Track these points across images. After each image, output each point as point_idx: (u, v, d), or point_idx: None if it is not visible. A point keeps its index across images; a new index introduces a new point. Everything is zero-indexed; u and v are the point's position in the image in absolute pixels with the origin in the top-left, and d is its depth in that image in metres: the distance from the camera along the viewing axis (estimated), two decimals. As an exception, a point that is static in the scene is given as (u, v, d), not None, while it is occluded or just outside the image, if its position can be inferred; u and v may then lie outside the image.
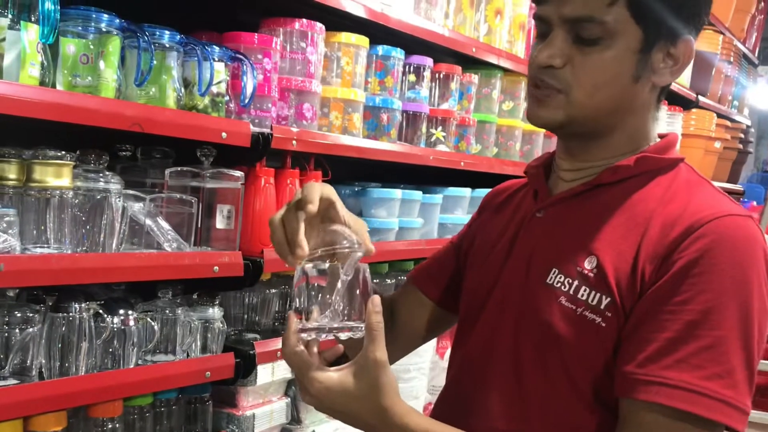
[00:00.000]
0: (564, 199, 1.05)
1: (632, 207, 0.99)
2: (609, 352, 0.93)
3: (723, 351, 0.87)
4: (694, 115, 4.17)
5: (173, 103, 1.44)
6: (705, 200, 0.96)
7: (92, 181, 1.36)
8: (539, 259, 1.03)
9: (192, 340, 1.56)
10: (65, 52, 1.29)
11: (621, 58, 0.96)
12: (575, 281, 0.96)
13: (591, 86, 0.97)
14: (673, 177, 1.01)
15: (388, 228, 2.06)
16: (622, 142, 1.02)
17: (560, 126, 1.01)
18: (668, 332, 0.89)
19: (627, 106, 1.00)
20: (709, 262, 0.89)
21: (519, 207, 1.14)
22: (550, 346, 0.97)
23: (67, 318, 1.33)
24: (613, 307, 0.93)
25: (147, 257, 1.39)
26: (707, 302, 0.88)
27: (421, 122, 2.16)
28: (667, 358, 0.88)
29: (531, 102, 1.03)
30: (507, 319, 1.04)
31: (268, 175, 1.67)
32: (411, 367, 2.16)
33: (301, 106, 1.74)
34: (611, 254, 0.95)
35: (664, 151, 1.03)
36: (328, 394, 0.90)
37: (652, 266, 0.92)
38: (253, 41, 1.62)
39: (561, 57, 0.97)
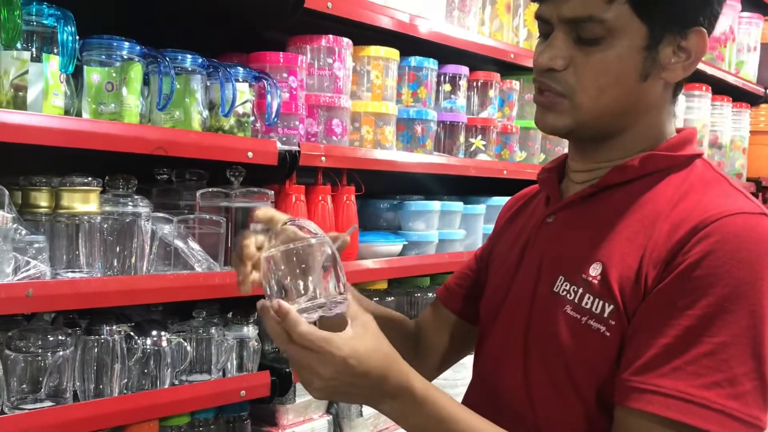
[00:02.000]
0: (573, 203, 1.01)
1: (640, 208, 0.94)
2: (613, 361, 0.90)
3: (725, 359, 0.82)
4: (763, 111, 3.96)
5: (198, 126, 1.46)
6: (716, 198, 0.90)
7: (121, 205, 1.39)
8: (548, 266, 1.00)
9: (227, 359, 1.57)
10: (90, 81, 1.33)
11: (625, 56, 0.92)
12: (580, 289, 0.93)
13: (595, 88, 0.93)
14: (686, 175, 0.95)
15: (428, 241, 2.03)
16: (635, 141, 0.98)
17: (569, 131, 0.97)
18: (666, 338, 0.84)
19: (637, 105, 0.96)
20: (713, 264, 0.83)
21: (533, 213, 1.11)
22: (556, 355, 0.95)
23: (99, 340, 1.36)
24: (616, 314, 0.89)
25: (176, 278, 1.41)
26: (709, 307, 0.83)
27: (459, 132, 2.12)
28: (663, 366, 0.83)
29: (537, 108, 0.99)
30: (517, 328, 1.02)
31: (298, 192, 1.67)
32: (458, 382, 2.11)
33: (330, 122, 1.74)
34: (616, 260, 0.92)
35: (678, 148, 0.97)
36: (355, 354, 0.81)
37: (656, 270, 0.87)
38: (279, 60, 1.64)
39: (562, 59, 0.93)
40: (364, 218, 1.95)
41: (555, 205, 1.04)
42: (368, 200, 2.04)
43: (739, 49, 3.74)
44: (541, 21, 0.97)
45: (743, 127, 3.75)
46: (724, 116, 3.58)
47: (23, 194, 1.31)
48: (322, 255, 0.87)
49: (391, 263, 1.90)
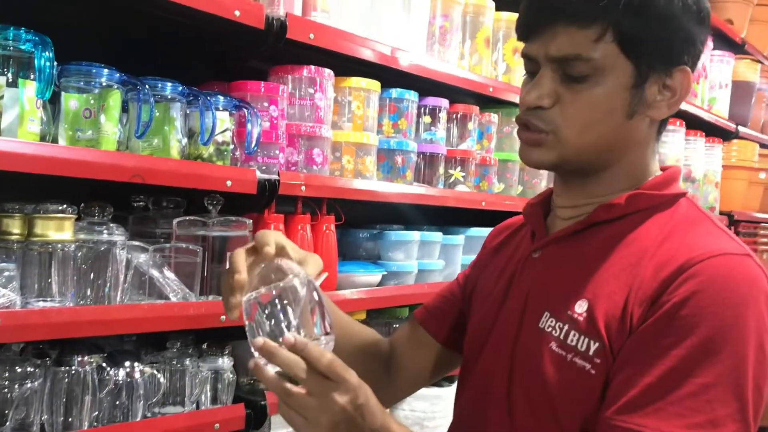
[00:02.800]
0: (559, 239, 1.02)
1: (626, 247, 0.94)
2: (598, 399, 0.90)
3: (708, 400, 0.82)
4: (735, 146, 4.04)
5: (177, 154, 1.45)
6: (700, 238, 0.91)
7: (96, 233, 1.36)
8: (533, 302, 1.00)
9: (201, 391, 1.53)
10: (67, 108, 1.32)
11: (612, 94, 0.92)
12: (566, 326, 0.93)
13: (581, 125, 0.93)
14: (670, 214, 0.96)
15: (407, 271, 2.02)
16: (620, 178, 0.99)
17: (553, 167, 0.99)
18: (650, 378, 0.84)
19: (622, 143, 0.96)
20: (698, 304, 0.84)
21: (518, 247, 1.11)
22: (540, 392, 0.94)
23: (69, 372, 1.32)
24: (602, 352, 0.89)
25: (150, 308, 1.39)
26: (693, 348, 0.83)
27: (439, 163, 2.13)
28: (647, 406, 0.83)
29: (522, 144, 1.00)
30: (502, 364, 1.01)
31: (277, 222, 1.65)
32: (436, 415, 2.10)
33: (311, 152, 1.74)
34: (602, 297, 0.92)
35: (663, 187, 0.98)
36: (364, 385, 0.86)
37: (642, 309, 0.88)
38: (260, 89, 1.63)
39: (549, 97, 0.94)
40: (343, 248, 1.94)
41: (541, 241, 1.03)
42: (348, 230, 2.03)
43: (711, 86, 3.82)
44: (528, 59, 0.97)
45: (716, 162, 3.82)
46: (697, 151, 3.64)
47: (-5, 221, 1.28)
48: (308, 294, 0.88)
49: (371, 293, 1.89)
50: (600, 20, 0.89)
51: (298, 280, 0.88)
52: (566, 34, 0.91)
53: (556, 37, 0.92)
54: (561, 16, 0.91)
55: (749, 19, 4.00)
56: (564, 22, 0.91)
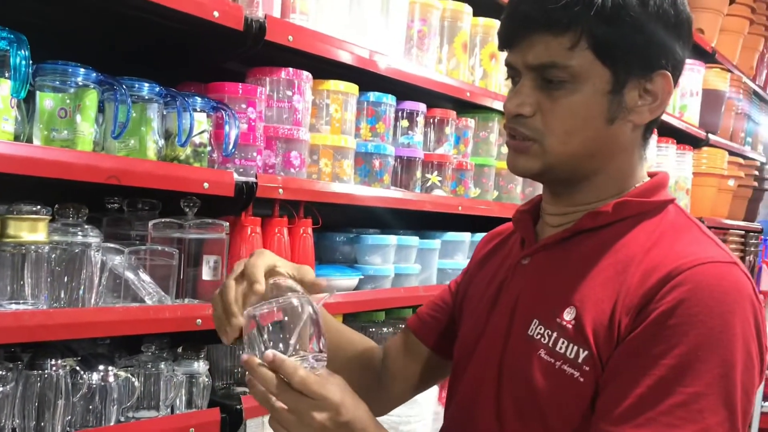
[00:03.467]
0: (548, 246, 1.02)
1: (614, 254, 0.95)
2: (587, 406, 0.90)
3: (698, 409, 0.82)
4: (705, 153, 4.11)
5: (153, 155, 1.44)
6: (688, 246, 0.91)
7: (70, 234, 1.34)
8: (522, 309, 1.00)
9: (176, 395, 1.52)
10: (42, 107, 1.30)
11: (590, 101, 0.93)
12: (554, 333, 0.93)
13: (562, 132, 0.94)
14: (658, 221, 0.96)
15: (384, 275, 2.02)
16: (607, 184, 0.99)
17: (539, 174, 0.99)
18: (640, 388, 0.84)
19: (606, 149, 0.97)
20: (686, 312, 0.84)
21: (509, 254, 1.12)
22: (529, 399, 0.95)
23: (42, 375, 1.30)
24: (591, 360, 0.90)
25: (125, 311, 1.37)
26: (682, 356, 0.83)
27: (416, 167, 2.14)
28: (638, 416, 0.84)
29: (509, 152, 1.01)
30: (490, 371, 1.01)
31: (254, 224, 1.64)
32: (411, 419, 2.10)
33: (288, 154, 1.73)
34: (590, 305, 0.92)
35: (650, 194, 0.98)
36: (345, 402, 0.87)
37: (629, 317, 0.88)
38: (237, 91, 1.62)
39: (530, 105, 0.95)
40: (319, 251, 1.93)
41: (530, 248, 1.04)
42: (324, 233, 2.03)
43: (682, 94, 3.88)
44: (509, 68, 0.99)
45: (686, 169, 3.88)
46: (668, 157, 3.70)
47: (-33, 222, 1.26)
48: (304, 313, 0.89)
49: (348, 297, 1.88)
50: (573, 28, 0.91)
51: (297, 299, 0.89)
52: (542, 42, 0.93)
53: (533, 45, 0.94)
54: (536, 25, 0.93)
55: (719, 28, 4.09)
56: (540, 30, 0.93)
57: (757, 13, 4.47)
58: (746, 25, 4.40)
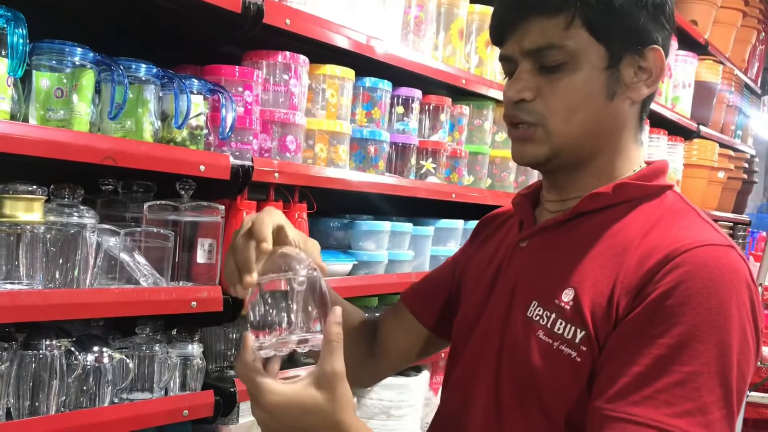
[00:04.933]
0: (546, 229, 1.03)
1: (612, 237, 0.96)
2: (583, 387, 0.91)
3: (695, 387, 0.83)
4: (695, 145, 4.14)
5: (150, 137, 1.43)
6: (685, 229, 0.92)
7: (66, 215, 1.34)
8: (521, 291, 1.01)
9: (170, 378, 1.52)
10: (39, 86, 1.29)
11: (588, 78, 0.95)
12: (553, 314, 0.95)
13: (565, 111, 0.96)
14: (657, 205, 0.98)
15: (377, 261, 2.02)
16: (606, 167, 1.00)
17: (546, 160, 0.99)
18: (638, 367, 0.85)
19: (607, 126, 0.98)
20: (684, 293, 0.85)
21: (506, 236, 1.13)
22: (528, 380, 0.96)
23: (37, 355, 1.30)
24: (587, 341, 0.91)
25: (121, 293, 1.37)
26: (680, 336, 0.84)
27: (411, 154, 2.14)
28: (635, 394, 0.85)
29: (513, 142, 1.02)
30: (489, 353, 1.02)
31: (249, 208, 1.64)
32: (403, 404, 2.11)
33: (284, 138, 1.73)
34: (588, 286, 0.93)
35: (649, 179, 1.00)
36: (282, 406, 0.84)
37: (627, 298, 0.89)
38: (234, 74, 1.62)
39: (530, 90, 0.96)
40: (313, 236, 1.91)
41: (528, 231, 1.05)
42: (318, 218, 2.03)
43: (675, 85, 3.90)
44: (505, 60, 1.00)
45: (677, 160, 3.90)
46: (660, 148, 3.71)
47: (-39, 201, 1.25)
48: (312, 290, 0.88)
49: (341, 282, 1.89)
50: (566, 8, 0.93)
51: (306, 270, 0.88)
52: (537, 26, 0.95)
53: (528, 30, 0.95)
54: (530, 9, 0.95)
55: (713, 20, 4.10)
56: (533, 14, 0.95)
57: (750, 5, 4.49)
58: (739, 18, 4.41)
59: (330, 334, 0.85)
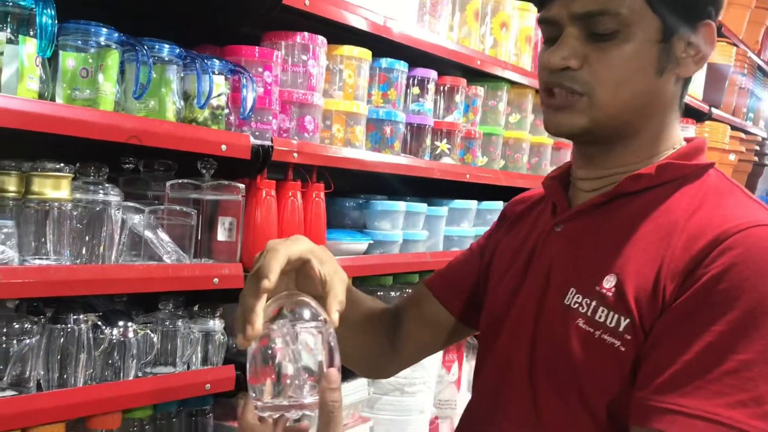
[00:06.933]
0: (582, 212, 0.97)
1: (655, 219, 0.91)
2: (627, 377, 0.87)
3: (750, 377, 0.78)
4: (707, 128, 4.13)
5: (173, 116, 1.45)
6: (733, 209, 0.87)
7: (91, 193, 1.37)
8: (557, 278, 0.96)
9: (192, 352, 1.56)
10: (65, 66, 1.31)
11: (641, 50, 0.89)
12: (593, 302, 0.89)
13: (614, 83, 0.89)
14: (700, 185, 0.92)
15: (392, 241, 2.05)
16: (645, 145, 0.95)
17: (585, 132, 0.93)
18: (688, 355, 0.80)
19: (653, 102, 0.93)
20: (737, 277, 0.80)
21: (537, 220, 1.07)
22: (566, 370, 0.91)
23: (65, 329, 1.33)
24: (632, 329, 0.86)
25: (146, 269, 1.40)
26: (733, 322, 0.79)
27: (426, 135, 2.16)
28: (685, 384, 0.80)
29: (549, 111, 0.95)
30: (522, 342, 0.97)
31: (269, 188, 1.67)
32: (416, 380, 2.15)
33: (302, 119, 1.75)
34: (631, 271, 0.88)
35: (690, 157, 0.94)
36: None
37: (675, 283, 0.84)
38: (254, 54, 1.64)
39: (576, 57, 0.90)
40: (329, 216, 1.95)
41: (563, 215, 0.99)
42: (334, 198, 2.05)
43: (687, 67, 3.88)
44: (548, 24, 0.93)
45: (688, 143, 3.90)
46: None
47: (-10, 178, 1.28)
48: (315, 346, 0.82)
49: (357, 261, 1.92)
50: None
51: (313, 324, 0.82)
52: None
53: None
54: None
55: (727, 2, 4.07)
56: None
57: (765, -14, 4.46)
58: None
59: (326, 403, 0.79)
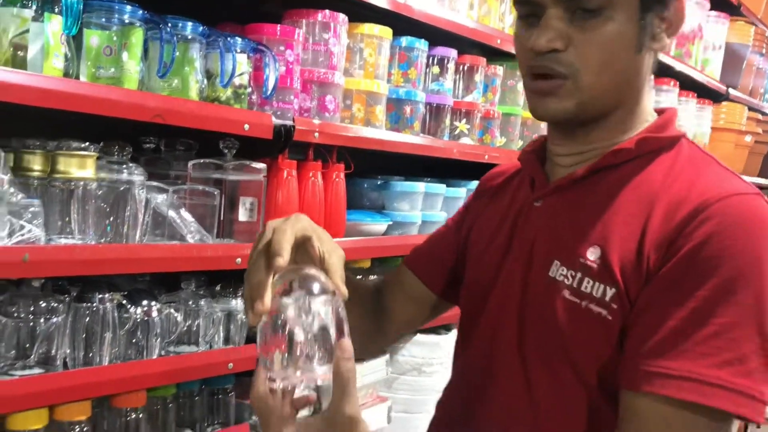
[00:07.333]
0: (562, 187, 0.99)
1: (634, 190, 0.93)
2: (615, 345, 0.89)
3: (734, 338, 0.82)
4: (724, 108, 4.09)
5: (196, 95, 1.45)
6: (711, 179, 0.90)
7: (116, 172, 1.36)
8: (540, 252, 0.98)
9: (215, 332, 1.56)
10: (89, 44, 1.30)
11: (623, 29, 0.91)
12: (578, 273, 0.92)
13: (599, 65, 0.91)
14: (675, 155, 0.95)
15: (411, 222, 2.04)
16: (623, 120, 0.97)
17: (572, 116, 0.94)
18: (674, 321, 0.84)
19: (632, 79, 0.95)
20: (718, 245, 0.84)
21: (516, 195, 1.08)
22: (555, 341, 0.93)
23: (91, 308, 1.34)
24: (618, 298, 0.89)
25: (170, 249, 1.40)
26: (715, 288, 0.83)
27: (445, 115, 2.14)
28: (672, 349, 0.83)
29: (534, 96, 0.96)
30: (509, 316, 0.99)
31: (290, 168, 1.66)
32: (434, 361, 2.15)
33: (323, 98, 1.73)
34: (615, 242, 0.90)
35: (664, 129, 0.97)
36: None
37: (658, 252, 0.87)
38: (276, 33, 1.62)
39: (561, 39, 0.90)
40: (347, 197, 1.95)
41: (543, 190, 1.01)
42: (353, 179, 2.04)
43: (705, 47, 3.84)
44: (525, 4, 0.93)
45: (705, 124, 3.86)
46: (688, 112, 3.68)
47: (15, 157, 1.27)
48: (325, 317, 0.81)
49: (376, 242, 1.91)
50: None
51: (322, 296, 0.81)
52: None
53: None
54: None
55: (747, -20, 4.01)
56: None
57: (785, -36, 4.38)
58: (773, -23, 4.32)
59: (341, 372, 0.78)
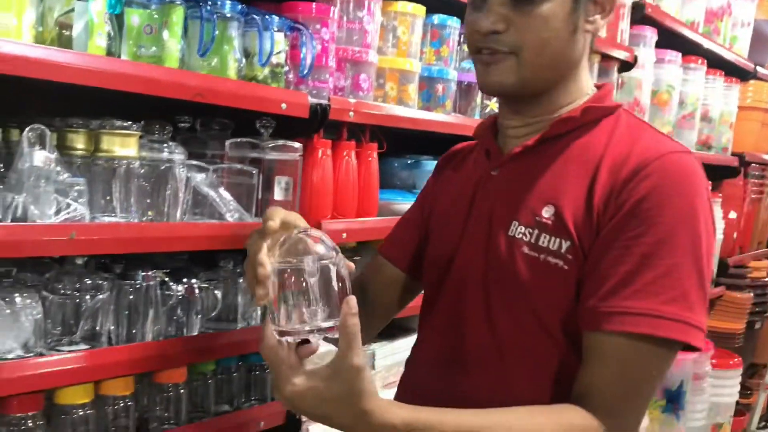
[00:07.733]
0: (516, 156, 1.09)
1: (582, 153, 1.04)
2: (573, 294, 0.99)
3: (677, 277, 0.93)
4: (751, 87, 4.03)
5: (234, 74, 1.45)
6: (649, 141, 1.02)
7: (157, 151, 1.37)
8: (499, 215, 1.07)
9: (253, 309, 1.57)
10: (130, 23, 1.30)
11: (558, 10, 1.00)
12: (535, 230, 1.02)
13: (538, 44, 1.01)
14: (614, 122, 1.07)
15: (443, 200, 2.04)
16: (564, 94, 1.08)
17: (513, 90, 1.04)
18: (625, 265, 0.94)
19: (570, 57, 1.05)
20: (658, 197, 0.95)
21: (474, 168, 1.18)
22: (518, 293, 1.02)
23: (135, 286, 1.36)
24: (573, 250, 0.99)
25: (210, 227, 1.41)
26: (659, 234, 0.94)
27: (476, 93, 2.13)
28: (626, 290, 0.94)
29: (480, 68, 1.06)
30: (474, 276, 1.08)
31: (325, 147, 1.66)
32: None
33: (357, 77, 1.73)
34: (567, 200, 1.01)
35: (604, 100, 1.09)
36: (301, 397, 0.90)
37: (605, 206, 0.98)
38: (311, 11, 1.61)
39: (503, 22, 1.01)
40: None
41: (498, 160, 1.11)
42: (383, 158, 2.03)
43: (733, 24, 3.78)
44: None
45: (732, 102, 3.81)
46: (715, 90, 3.63)
47: (59, 136, 1.28)
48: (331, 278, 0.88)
49: (409, 221, 1.91)
50: None
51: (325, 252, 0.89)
52: None
53: None
54: None
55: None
56: None
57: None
58: (804, -48, 4.23)
59: (347, 326, 0.87)
